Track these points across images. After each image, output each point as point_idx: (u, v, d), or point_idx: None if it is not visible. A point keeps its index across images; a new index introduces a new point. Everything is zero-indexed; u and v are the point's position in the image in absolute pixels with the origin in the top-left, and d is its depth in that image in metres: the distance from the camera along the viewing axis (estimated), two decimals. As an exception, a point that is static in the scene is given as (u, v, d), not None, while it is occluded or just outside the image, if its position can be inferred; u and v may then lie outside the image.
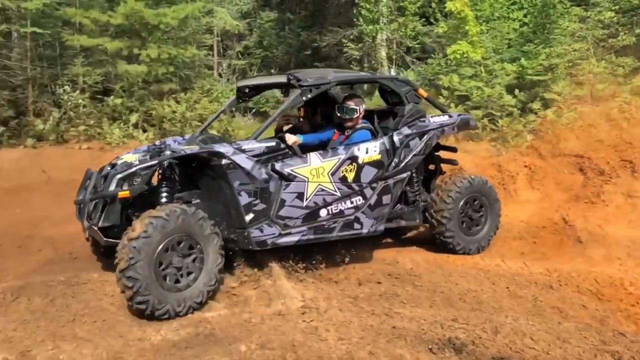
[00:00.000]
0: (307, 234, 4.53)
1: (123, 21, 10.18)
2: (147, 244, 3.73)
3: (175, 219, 3.86)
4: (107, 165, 4.56)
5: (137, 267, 3.69)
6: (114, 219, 4.07)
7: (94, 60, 10.71)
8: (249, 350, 3.40)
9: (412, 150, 5.00)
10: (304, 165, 4.46)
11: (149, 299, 3.73)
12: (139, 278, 3.69)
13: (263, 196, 4.30)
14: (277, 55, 16.74)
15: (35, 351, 3.31)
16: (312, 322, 3.81)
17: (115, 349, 3.40)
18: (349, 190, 4.67)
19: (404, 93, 5.14)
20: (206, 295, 4.01)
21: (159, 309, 3.76)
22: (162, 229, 3.80)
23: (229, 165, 4.18)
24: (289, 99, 4.77)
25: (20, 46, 10.56)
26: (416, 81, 11.64)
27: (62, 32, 10.68)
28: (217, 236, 4.08)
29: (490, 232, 5.47)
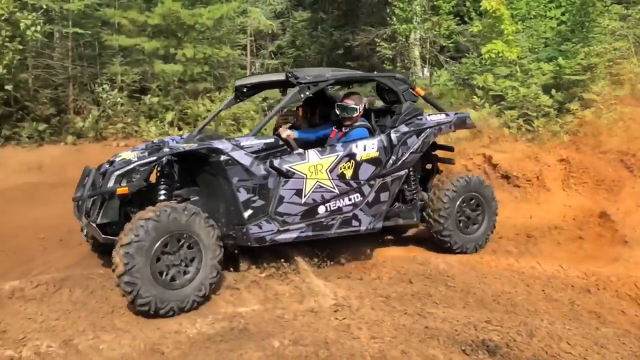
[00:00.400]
0: (306, 231, 4.53)
1: (160, 21, 10.40)
2: (140, 248, 3.72)
3: (166, 217, 3.83)
4: (105, 163, 4.56)
5: (133, 272, 3.68)
6: (113, 216, 4.10)
7: (131, 60, 10.97)
8: (281, 346, 3.44)
9: (410, 148, 5.03)
10: (303, 162, 4.47)
11: (150, 300, 3.73)
12: (137, 282, 3.69)
13: (262, 193, 4.31)
14: (309, 55, 16.80)
15: (77, 340, 3.42)
16: (345, 320, 3.83)
17: (153, 340, 3.48)
18: (347, 187, 4.69)
19: (402, 91, 5.17)
20: (208, 288, 4.01)
21: (162, 307, 3.78)
22: (154, 230, 3.78)
23: (228, 162, 4.19)
24: (288, 96, 4.79)
25: (62, 46, 10.90)
26: (450, 80, 11.54)
27: (101, 33, 10.99)
28: (213, 228, 4.05)
29: (488, 231, 5.51)
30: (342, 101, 4.98)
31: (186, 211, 3.95)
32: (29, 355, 3.21)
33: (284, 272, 4.65)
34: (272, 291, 4.32)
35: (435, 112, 5.52)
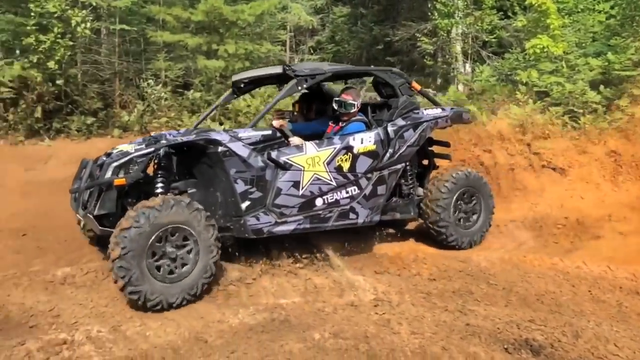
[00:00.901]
0: (303, 223, 4.53)
1: (203, 18, 10.57)
2: (139, 234, 3.71)
3: (168, 209, 3.84)
4: (102, 155, 4.53)
5: (128, 257, 3.67)
6: (110, 207, 4.06)
7: (175, 56, 11.20)
8: (322, 339, 3.48)
9: (407, 142, 5.04)
10: (300, 154, 4.48)
11: (141, 289, 3.71)
12: (131, 268, 3.67)
13: (259, 184, 4.31)
14: (348, 50, 16.77)
15: (125, 326, 3.55)
16: (385, 314, 3.84)
17: (197, 329, 3.58)
18: (345, 180, 4.70)
19: (398, 85, 5.17)
20: (201, 288, 3.96)
21: (151, 299, 3.75)
22: (155, 220, 3.77)
23: (225, 153, 4.20)
24: (285, 89, 4.76)
25: (108, 42, 11.22)
26: (492, 76, 11.32)
27: (146, 29, 11.26)
28: (212, 228, 4.03)
29: (483, 227, 5.51)
30: (340, 96, 5.00)
31: (189, 206, 3.94)
32: (81, 339, 3.34)
33: (321, 265, 4.69)
34: (312, 284, 4.37)
35: (431, 106, 5.54)
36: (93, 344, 3.31)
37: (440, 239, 5.28)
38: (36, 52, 8.54)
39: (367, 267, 4.77)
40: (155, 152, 4.27)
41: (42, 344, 3.25)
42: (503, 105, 9.23)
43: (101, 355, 3.20)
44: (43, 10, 8.50)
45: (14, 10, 8.80)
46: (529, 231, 5.92)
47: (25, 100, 8.48)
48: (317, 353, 3.31)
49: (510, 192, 6.89)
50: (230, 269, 4.54)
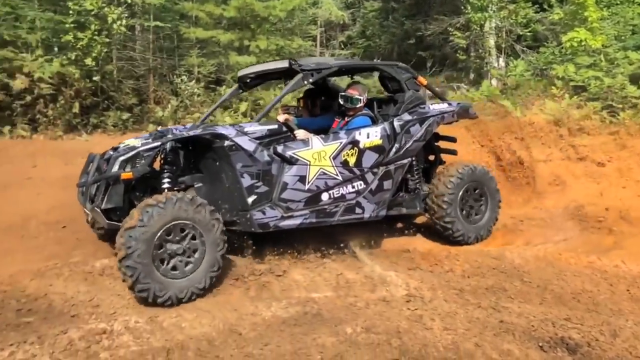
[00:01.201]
0: (309, 218, 4.52)
1: (235, 14, 10.68)
2: (144, 233, 3.71)
3: (172, 206, 3.83)
4: (109, 150, 4.55)
5: (134, 256, 3.68)
6: (117, 201, 4.07)
7: (207, 52, 11.35)
8: (354, 333, 3.49)
9: (413, 136, 5.01)
10: (306, 149, 4.46)
11: (149, 286, 3.72)
12: (138, 267, 3.69)
13: (265, 179, 4.30)
14: (379, 45, 16.71)
15: (162, 317, 3.63)
16: (417, 310, 3.83)
17: (231, 321, 3.64)
18: (351, 174, 4.68)
19: (404, 80, 5.13)
20: (209, 281, 3.97)
21: (160, 296, 3.76)
22: (160, 217, 3.78)
23: (232, 147, 4.19)
24: (291, 83, 4.72)
25: (143, 39, 11.45)
26: (526, 71, 11.12)
27: (179, 25, 11.43)
28: (218, 222, 4.02)
29: (490, 222, 5.46)
30: (346, 91, 4.98)
31: (193, 202, 3.93)
32: (120, 329, 3.44)
33: (351, 260, 4.71)
34: (344, 279, 4.38)
35: (438, 101, 5.49)
36: (131, 334, 3.40)
37: (446, 234, 5.24)
38: (74, 49, 8.77)
39: (399, 263, 4.76)
40: (162, 146, 4.27)
41: (83, 333, 3.36)
42: (538, 101, 9.07)
43: (139, 345, 3.28)
44: (81, 8, 8.72)
45: (53, 9, 9.05)
46: (565, 227, 5.81)
47: (64, 96, 8.73)
48: (350, 347, 3.33)
49: (546, 187, 6.76)
50: (258, 261, 4.61)
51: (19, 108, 8.36)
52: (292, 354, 3.24)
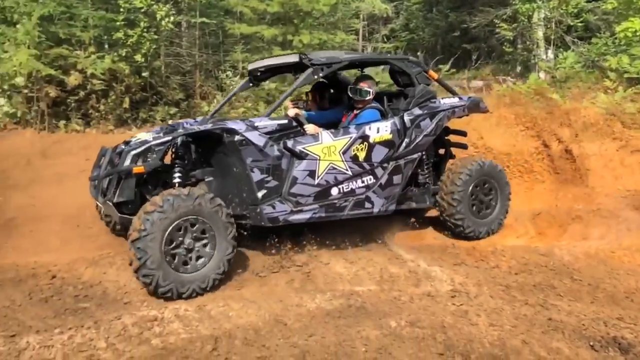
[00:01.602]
0: (319, 212, 4.53)
1: (279, 9, 10.72)
2: (160, 220, 3.77)
3: (192, 200, 3.88)
4: (121, 143, 4.58)
5: (147, 240, 3.73)
6: (129, 195, 4.11)
7: (252, 47, 11.47)
8: (398, 327, 3.50)
9: (423, 131, 5.00)
10: (316, 144, 4.47)
11: (154, 274, 3.76)
12: (148, 251, 3.73)
13: (275, 173, 4.32)
14: (423, 38, 16.49)
15: (210, 306, 3.73)
16: (462, 305, 3.80)
17: (276, 311, 3.71)
18: (360, 169, 4.68)
19: (415, 74, 5.12)
20: (211, 283, 3.97)
21: (162, 286, 3.79)
22: (178, 208, 3.83)
23: (242, 142, 4.20)
24: (301, 77, 4.69)
25: (189, 35, 11.66)
26: (577, 63, 10.76)
27: (224, 22, 11.59)
28: (231, 225, 4.06)
29: (500, 215, 5.46)
30: (355, 84, 4.98)
31: (213, 202, 3.97)
32: (170, 317, 3.56)
33: (393, 254, 4.71)
34: (387, 273, 4.39)
35: (448, 95, 5.46)
36: (181, 321, 3.51)
37: (457, 231, 5.24)
38: (124, 46, 9.03)
39: (443, 258, 4.73)
40: (173, 140, 4.33)
41: (136, 319, 3.49)
42: (589, 94, 8.77)
43: (188, 333, 3.39)
44: (130, 6, 8.96)
45: (105, 7, 9.33)
46: (617, 222, 5.61)
47: (115, 91, 9.00)
48: (394, 340, 3.34)
49: (598, 181, 6.54)
50: (297, 251, 4.67)
51: (73, 103, 8.68)
52: (337, 345, 3.28)
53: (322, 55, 4.85)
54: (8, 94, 8.54)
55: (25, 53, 8.14)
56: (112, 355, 3.12)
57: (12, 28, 8.54)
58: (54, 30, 8.85)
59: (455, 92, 5.64)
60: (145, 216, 3.76)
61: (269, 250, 4.65)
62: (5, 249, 4.74)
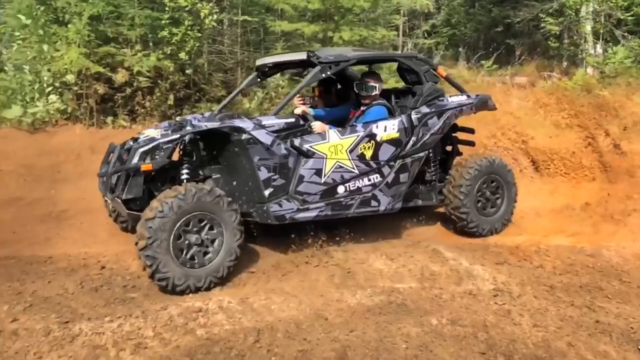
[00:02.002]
0: (325, 210, 4.56)
1: (320, 6, 10.75)
2: (163, 223, 3.84)
3: (191, 197, 3.94)
4: (129, 140, 4.65)
5: (154, 247, 3.81)
6: (137, 192, 4.18)
7: (292, 44, 11.54)
8: (439, 324, 3.49)
9: (431, 129, 5.01)
10: (323, 142, 4.49)
11: (168, 275, 3.86)
12: (158, 256, 3.82)
13: (282, 172, 4.35)
14: (465, 33, 16.22)
15: (252, 299, 3.80)
16: (505, 305, 3.75)
17: (317, 306, 3.75)
18: (367, 167, 4.71)
19: (423, 72, 5.11)
20: (226, 270, 4.09)
21: (179, 284, 3.90)
22: (179, 208, 3.89)
23: (249, 140, 4.23)
24: (309, 76, 4.73)
25: (231, 33, 11.83)
26: (627, 58, 10.38)
27: (266, 19, 11.70)
28: (235, 212, 4.12)
29: (505, 215, 5.48)
30: (361, 80, 4.99)
31: (211, 193, 4.03)
32: (214, 308, 3.65)
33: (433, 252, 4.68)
34: (428, 270, 4.36)
35: (456, 93, 5.46)
36: (225, 313, 3.60)
37: (460, 225, 5.29)
38: (169, 44, 9.23)
39: (486, 257, 4.66)
40: (181, 138, 4.36)
41: (182, 310, 3.60)
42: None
43: (231, 324, 3.47)
44: (175, 5, 9.15)
45: (151, 6, 9.55)
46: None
47: (160, 88, 9.21)
48: (435, 338, 3.34)
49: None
50: (334, 248, 4.72)
51: (120, 100, 8.92)
52: (378, 341, 3.30)
53: (330, 53, 4.85)
54: (59, 90, 8.88)
55: (76, 51, 8.44)
56: (159, 344, 3.22)
57: (63, 28, 8.86)
58: (103, 29, 9.13)
59: (463, 90, 5.61)
60: (147, 223, 3.84)
61: (308, 245, 4.70)
62: (57, 239, 4.94)
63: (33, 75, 9.07)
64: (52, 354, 3.06)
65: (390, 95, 5.28)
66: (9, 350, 3.07)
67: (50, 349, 3.10)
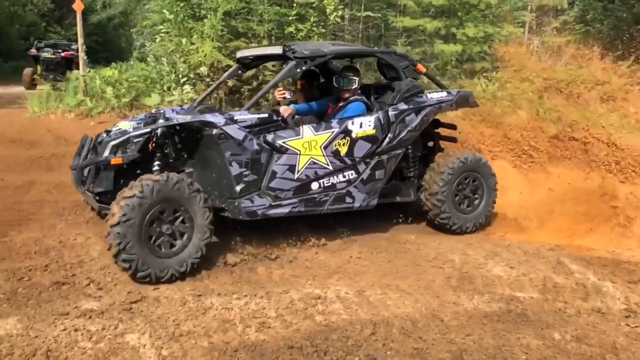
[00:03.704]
0: (298, 206, 4.52)
1: (444, 2, 10.59)
2: (140, 205, 3.76)
3: (171, 185, 3.89)
4: (103, 132, 4.60)
5: (126, 225, 3.72)
6: (107, 185, 4.14)
7: (413, 40, 11.47)
8: (563, 340, 3.35)
9: (408, 126, 4.94)
10: (296, 138, 4.44)
11: (133, 258, 3.75)
12: (127, 236, 3.72)
13: (254, 167, 4.29)
14: (601, 30, 15.03)
15: (368, 292, 3.89)
16: (638, 328, 3.50)
17: (433, 306, 3.75)
18: (342, 164, 4.66)
19: (402, 68, 5.06)
20: (189, 267, 3.99)
21: (141, 270, 3.79)
22: (158, 193, 3.83)
23: (220, 136, 4.16)
24: (284, 70, 4.65)
25: (352, 28, 12.01)
26: None
27: (387, 14, 11.73)
28: (209, 210, 4.06)
29: (488, 207, 5.43)
30: (340, 74, 4.97)
31: (190, 186, 3.98)
32: (332, 297, 3.78)
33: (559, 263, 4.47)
34: (551, 282, 4.18)
35: (437, 89, 5.40)
36: (342, 303, 3.72)
37: (444, 229, 5.25)
38: (295, 40, 9.60)
39: (616, 273, 4.36)
40: (152, 132, 4.28)
41: (302, 295, 3.78)
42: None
43: (348, 314, 3.58)
44: (303, 1, 9.49)
45: (279, 3, 9.99)
46: None
47: (283, 82, 9.64)
48: (557, 354, 3.21)
49: None
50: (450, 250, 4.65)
51: (247, 92, 9.48)
52: (495, 348, 3.24)
53: (306, 47, 4.79)
54: (193, 81, 9.61)
55: (210, 45, 9.08)
56: (280, 325, 3.42)
57: (199, 23, 9.56)
58: (234, 24, 9.72)
59: (443, 86, 5.57)
60: (124, 201, 3.79)
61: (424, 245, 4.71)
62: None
63: (170, 67, 9.91)
64: (188, 322, 3.36)
65: (370, 91, 5.27)
66: (152, 315, 3.42)
67: (186, 318, 3.41)
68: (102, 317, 3.34)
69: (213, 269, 4.22)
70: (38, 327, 3.17)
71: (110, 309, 3.45)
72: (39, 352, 2.93)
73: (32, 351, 2.93)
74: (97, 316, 3.35)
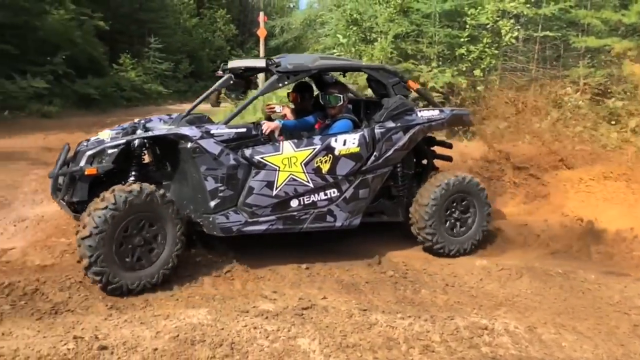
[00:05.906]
0: (276, 224, 4.40)
1: (637, 20, 9.61)
2: (112, 216, 3.71)
3: (143, 197, 3.84)
4: (84, 141, 4.52)
5: (98, 238, 3.67)
6: (82, 195, 4.08)
7: (597, 62, 10.58)
8: None
9: (395, 145, 4.77)
10: (276, 154, 4.33)
11: (105, 271, 3.71)
12: (98, 248, 3.67)
13: (230, 183, 4.19)
14: None
15: (540, 330, 3.65)
16: None
17: (616, 355, 3.40)
18: (323, 182, 4.52)
19: (391, 84, 4.90)
20: (161, 278, 3.94)
21: (113, 283, 3.75)
22: (130, 205, 3.77)
23: (196, 149, 4.08)
24: (266, 84, 4.65)
25: (526, 49, 11.46)
26: None
27: (567, 34, 10.98)
28: (181, 222, 4.02)
29: (476, 235, 5.14)
30: (326, 90, 4.85)
31: (163, 199, 3.94)
32: (500, 330, 3.62)
33: None
34: None
35: (429, 107, 5.21)
36: (510, 337, 3.54)
37: (426, 245, 4.99)
38: (465, 62, 9.47)
39: None
40: (128, 144, 4.17)
41: (468, 323, 3.68)
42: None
43: (517, 350, 3.40)
44: (476, 23, 9.33)
45: (450, 25, 9.95)
46: None
47: (450, 104, 9.55)
48: None
49: None
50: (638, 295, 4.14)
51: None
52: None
53: (290, 61, 4.65)
54: (362, 101, 9.95)
55: (379, 67, 9.34)
56: (445, 351, 3.36)
57: (369, 46, 9.92)
58: (403, 46, 9.90)
59: (436, 104, 5.38)
60: (96, 212, 3.74)
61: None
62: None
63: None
64: (354, 335, 3.47)
65: (360, 106, 5.14)
66: (321, 323, 3.60)
67: (352, 330, 3.52)
68: (277, 319, 3.61)
69: (376, 284, 4.32)
70: (224, 320, 3.53)
71: (284, 312, 3.71)
72: (224, 343, 3.26)
73: (220, 341, 3.27)
74: (273, 317, 3.63)
